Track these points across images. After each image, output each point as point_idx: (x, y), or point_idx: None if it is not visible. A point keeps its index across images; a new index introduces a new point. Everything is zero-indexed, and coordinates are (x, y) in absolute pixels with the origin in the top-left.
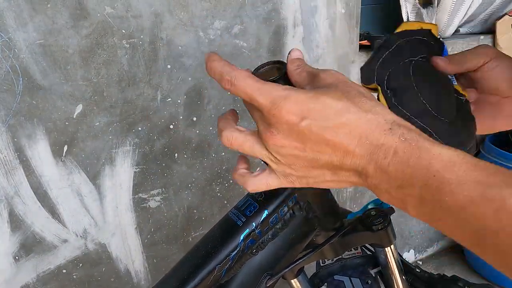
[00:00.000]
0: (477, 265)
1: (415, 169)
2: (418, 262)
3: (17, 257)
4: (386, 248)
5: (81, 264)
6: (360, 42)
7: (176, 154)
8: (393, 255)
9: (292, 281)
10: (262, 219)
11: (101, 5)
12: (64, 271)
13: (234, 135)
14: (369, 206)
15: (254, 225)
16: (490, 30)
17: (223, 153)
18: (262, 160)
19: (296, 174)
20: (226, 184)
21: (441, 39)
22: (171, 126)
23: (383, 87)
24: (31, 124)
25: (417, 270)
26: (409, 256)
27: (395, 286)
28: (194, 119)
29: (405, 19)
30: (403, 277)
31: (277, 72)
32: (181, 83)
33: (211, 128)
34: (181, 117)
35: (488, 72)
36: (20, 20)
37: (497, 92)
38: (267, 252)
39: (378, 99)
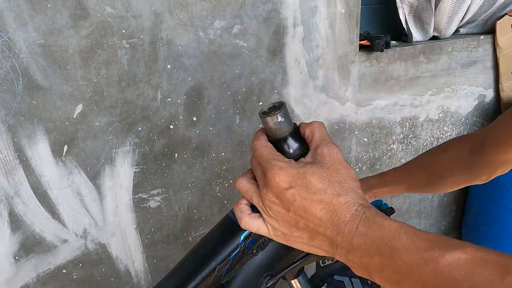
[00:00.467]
0: None
1: (373, 240)
2: None
3: (17, 257)
4: None
5: (81, 264)
6: (360, 42)
7: (176, 154)
8: None
9: (292, 281)
10: None
11: (101, 5)
12: (64, 271)
13: (243, 182)
14: None
15: None
16: (490, 30)
17: (223, 153)
18: (258, 209)
19: (281, 230)
20: (226, 184)
21: None
22: (171, 126)
23: None
24: (31, 124)
25: None
26: None
27: None
28: (194, 119)
29: (403, 21)
30: None
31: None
32: (181, 83)
33: (211, 128)
34: (181, 117)
35: None
36: (20, 20)
37: None
38: (268, 252)
39: None
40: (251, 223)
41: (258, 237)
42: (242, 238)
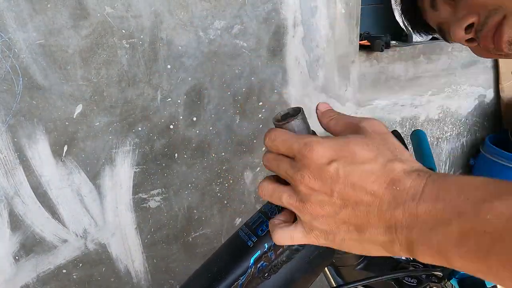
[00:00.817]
0: None
1: (446, 202)
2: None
3: (17, 257)
4: None
5: (81, 264)
6: (360, 42)
7: (176, 154)
8: None
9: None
10: None
11: (101, 5)
12: (64, 271)
13: (266, 185)
14: None
15: (267, 246)
16: None
17: (223, 153)
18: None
19: (321, 228)
20: (226, 184)
21: None
22: (171, 126)
23: None
24: (31, 124)
25: None
26: None
27: None
28: (194, 119)
29: (400, 22)
30: None
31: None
32: (181, 83)
33: (211, 128)
34: (181, 117)
35: None
36: (20, 20)
37: None
38: (281, 276)
39: None
40: (283, 234)
41: (270, 259)
42: (252, 260)
